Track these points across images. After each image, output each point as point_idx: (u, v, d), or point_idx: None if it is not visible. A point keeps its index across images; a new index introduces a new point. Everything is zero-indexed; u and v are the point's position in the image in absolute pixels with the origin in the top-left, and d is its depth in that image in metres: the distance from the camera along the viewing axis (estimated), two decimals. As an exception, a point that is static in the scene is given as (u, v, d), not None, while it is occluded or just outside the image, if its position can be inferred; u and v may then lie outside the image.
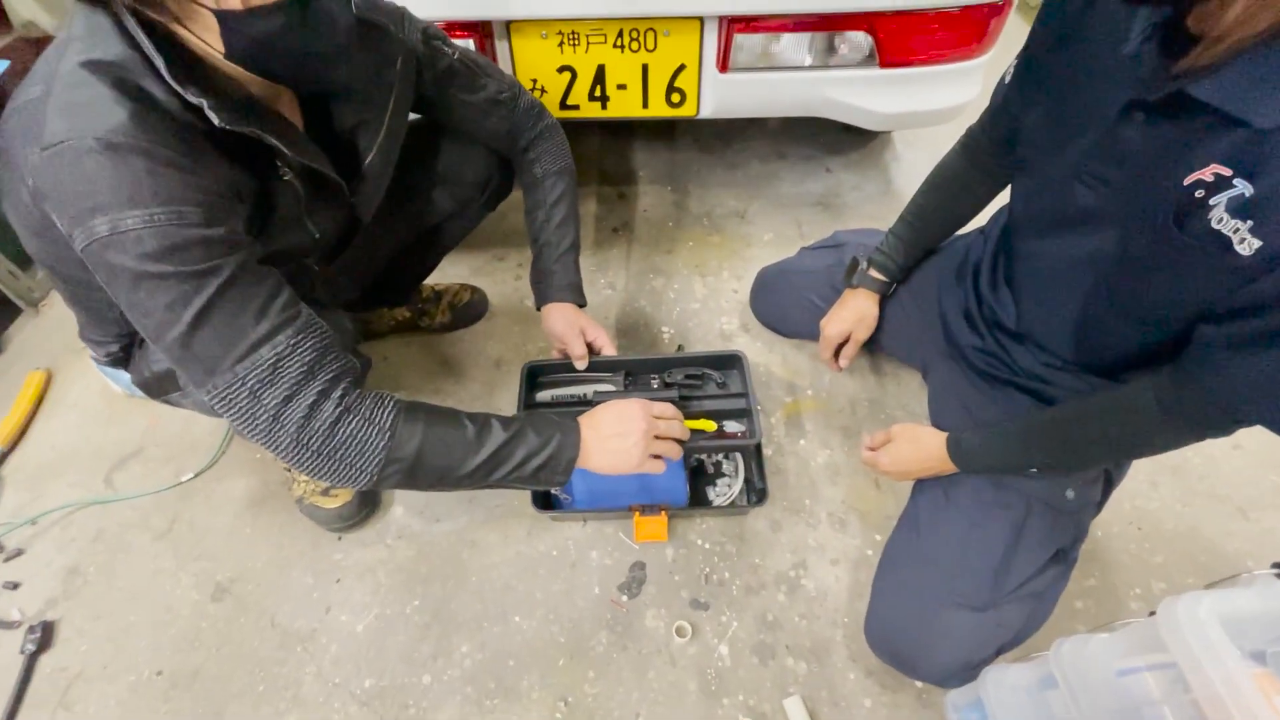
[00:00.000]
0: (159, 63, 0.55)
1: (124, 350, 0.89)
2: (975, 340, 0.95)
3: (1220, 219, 0.55)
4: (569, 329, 1.03)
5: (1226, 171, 0.54)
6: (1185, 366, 0.64)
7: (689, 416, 1.03)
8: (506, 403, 1.30)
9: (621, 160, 1.86)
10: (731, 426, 1.10)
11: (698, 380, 1.13)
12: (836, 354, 1.18)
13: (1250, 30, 0.49)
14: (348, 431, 0.64)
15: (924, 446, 0.89)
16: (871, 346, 1.21)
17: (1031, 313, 0.85)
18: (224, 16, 0.54)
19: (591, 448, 0.80)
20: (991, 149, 0.92)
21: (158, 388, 0.88)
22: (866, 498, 1.16)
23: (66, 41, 0.57)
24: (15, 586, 1.08)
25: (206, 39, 0.57)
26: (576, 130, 1.15)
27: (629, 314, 1.46)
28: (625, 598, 1.05)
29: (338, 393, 0.64)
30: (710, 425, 1.06)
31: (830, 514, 1.14)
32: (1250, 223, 0.53)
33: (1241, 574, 0.56)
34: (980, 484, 0.87)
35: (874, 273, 1.10)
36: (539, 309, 1.08)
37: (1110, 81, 0.63)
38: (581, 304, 1.07)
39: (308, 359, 0.63)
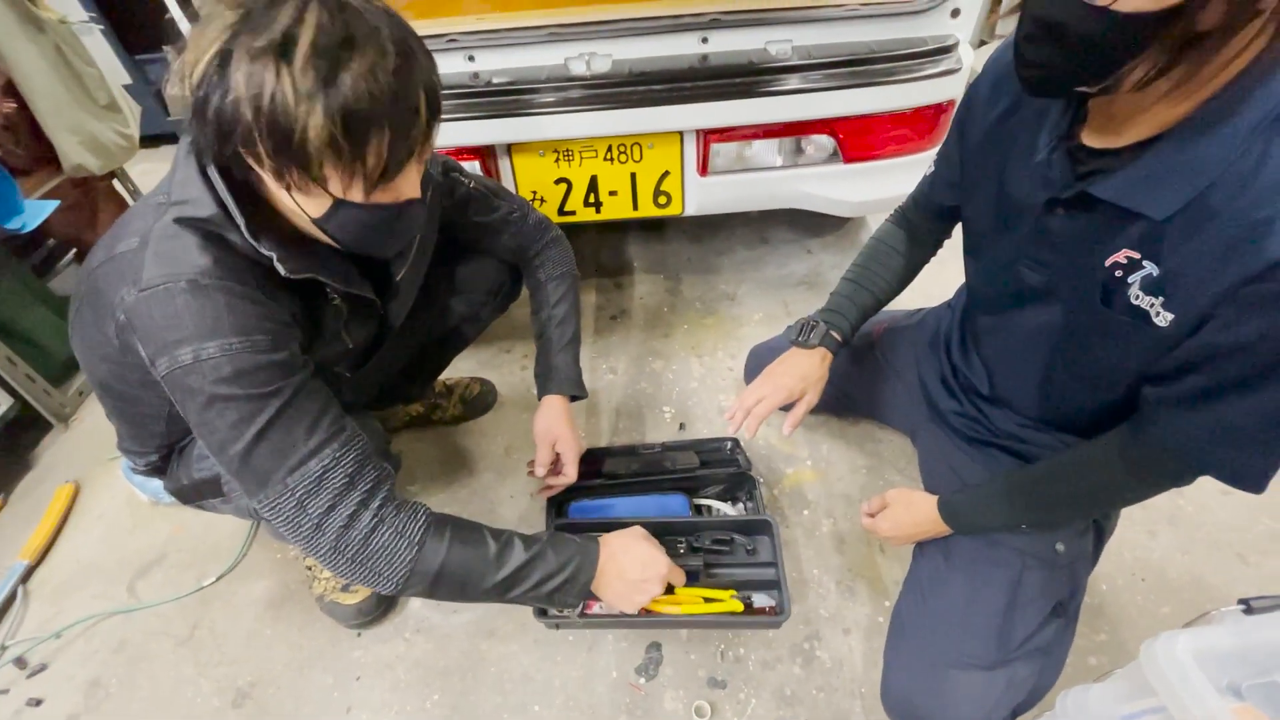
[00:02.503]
0: (240, 221, 0.66)
1: (162, 460, 0.96)
2: (954, 405, 1.01)
3: (1137, 295, 0.63)
4: (545, 434, 1.09)
5: (1136, 255, 0.63)
6: (1137, 424, 0.70)
7: (714, 586, 1.02)
8: (517, 489, 1.35)
9: (617, 253, 2.00)
10: (760, 600, 1.04)
11: (726, 545, 1.08)
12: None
13: (1115, 138, 0.59)
14: (380, 542, 0.70)
15: (918, 510, 0.94)
16: (860, 414, 1.28)
17: (1000, 379, 0.93)
18: (341, 202, 0.64)
19: (609, 579, 0.85)
20: (923, 223, 1.05)
21: (194, 494, 0.94)
22: (872, 564, 1.18)
23: (166, 204, 0.67)
24: (38, 703, 1.08)
25: (304, 203, 0.64)
26: (573, 230, 1.27)
27: (631, 396, 1.53)
28: (643, 680, 1.06)
29: (375, 503, 0.71)
30: (738, 606, 0.99)
31: (839, 582, 1.16)
32: (1161, 299, 0.61)
33: (1211, 611, 0.60)
34: (976, 543, 0.91)
35: (834, 333, 1.07)
36: (539, 400, 1.15)
37: (1030, 183, 0.73)
38: (580, 395, 1.14)
39: (350, 470, 0.69)
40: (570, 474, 1.11)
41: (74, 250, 1.87)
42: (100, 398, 0.88)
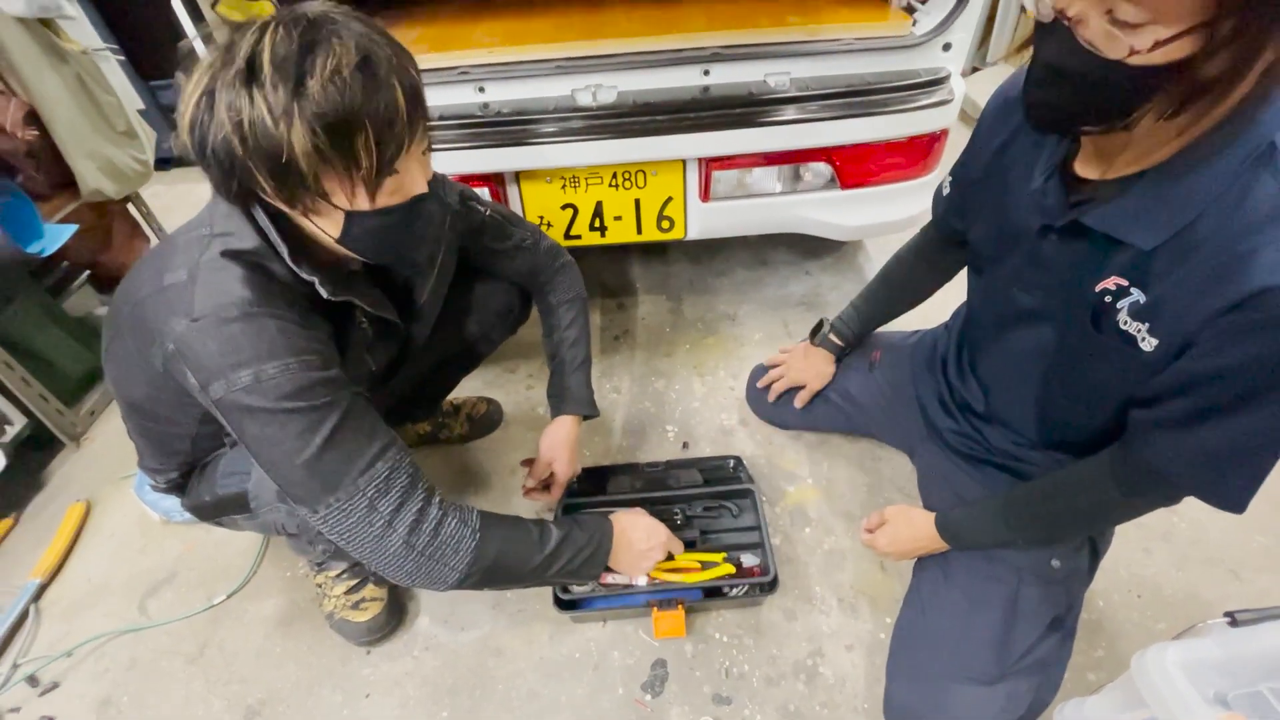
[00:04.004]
0: (282, 250, 0.69)
1: (182, 477, 0.98)
2: (951, 424, 1.04)
3: (1125, 321, 0.67)
4: (547, 452, 1.16)
5: (1124, 282, 0.67)
6: (1126, 444, 0.73)
7: (708, 550, 1.15)
8: (523, 508, 1.37)
9: (620, 274, 2.04)
10: (748, 560, 1.16)
11: (714, 510, 1.24)
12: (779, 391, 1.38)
13: (1105, 171, 0.63)
14: (448, 532, 0.75)
15: (916, 527, 0.96)
16: (860, 433, 1.31)
17: (996, 398, 0.96)
18: (352, 214, 0.67)
19: (620, 549, 0.95)
20: (940, 248, 1.08)
21: (215, 510, 0.97)
22: (874, 581, 1.20)
23: (209, 237, 0.70)
24: (50, 722, 1.09)
25: (322, 225, 0.69)
26: (579, 253, 1.31)
27: (635, 415, 1.56)
28: (649, 697, 1.07)
29: (436, 499, 0.76)
30: (730, 569, 1.11)
31: (841, 600, 1.18)
32: (1147, 324, 0.65)
33: (1198, 624, 0.63)
34: (974, 559, 0.93)
35: (833, 336, 1.29)
36: (552, 419, 1.19)
37: (1027, 210, 0.77)
38: (591, 415, 1.19)
39: (410, 470, 0.74)
40: (554, 495, 1.17)
41: (87, 272, 1.91)
42: (127, 417, 0.91)
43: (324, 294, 0.72)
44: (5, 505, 1.44)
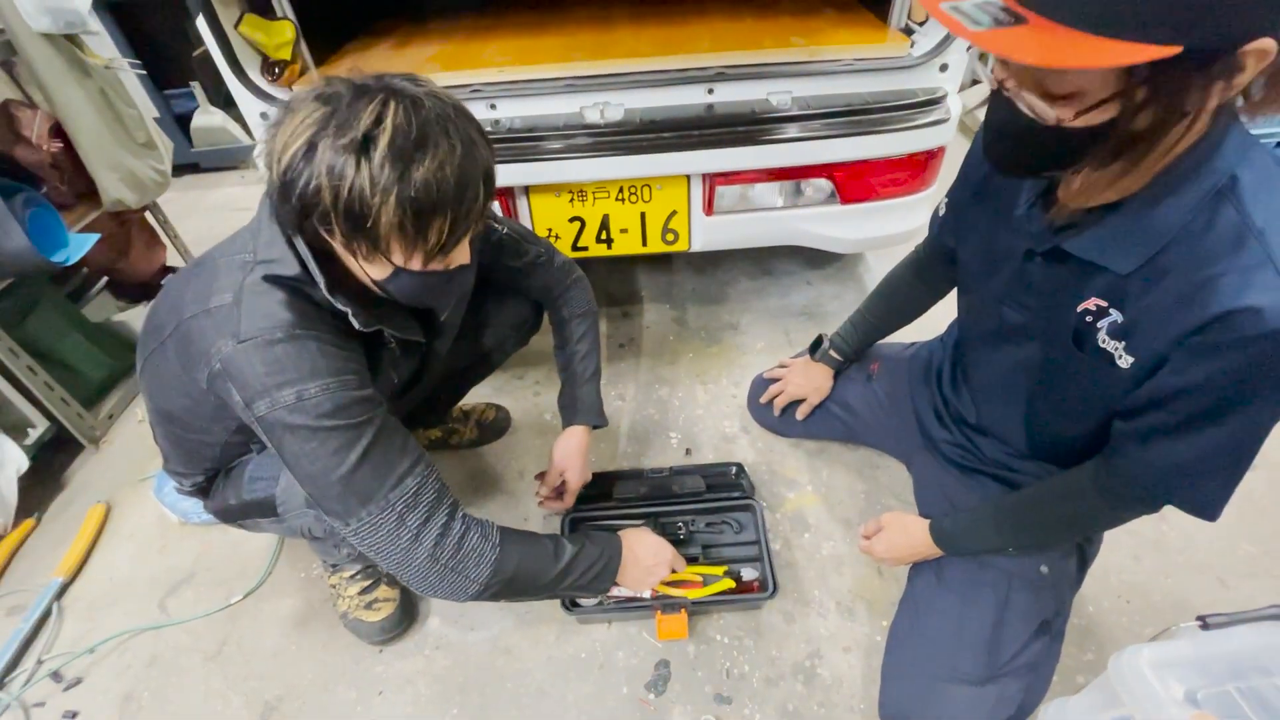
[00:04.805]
0: (320, 281, 0.74)
1: (208, 482, 1.03)
2: (945, 435, 1.08)
3: (1104, 340, 0.71)
4: (559, 462, 1.21)
5: (1104, 303, 0.71)
6: (1109, 455, 0.77)
7: (710, 564, 1.19)
8: (531, 511, 1.41)
9: (625, 283, 2.08)
10: (748, 574, 1.19)
11: (716, 525, 1.28)
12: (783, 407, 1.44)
13: (1085, 202, 0.67)
14: (470, 544, 0.80)
15: (911, 534, 1.00)
16: (859, 442, 1.35)
17: (987, 410, 1.00)
18: (400, 270, 0.73)
19: (628, 565, 1.00)
20: (934, 266, 1.11)
21: (240, 513, 1.01)
22: (871, 585, 1.24)
23: (253, 263, 0.75)
24: (74, 716, 1.13)
25: (369, 269, 0.73)
26: (585, 264, 1.35)
27: (639, 422, 1.60)
28: (652, 696, 1.11)
29: (460, 513, 0.81)
30: (730, 584, 1.14)
31: (839, 603, 1.22)
32: (1124, 343, 0.69)
33: (1171, 627, 0.66)
34: (967, 565, 0.97)
35: (832, 352, 1.34)
36: (563, 429, 1.23)
37: (1013, 233, 0.81)
38: (600, 424, 1.23)
39: (436, 485, 0.80)
40: (567, 503, 1.22)
41: (106, 278, 1.96)
42: (157, 424, 0.95)
43: (356, 325, 0.77)
44: (28, 506, 1.48)
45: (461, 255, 0.76)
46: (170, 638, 1.24)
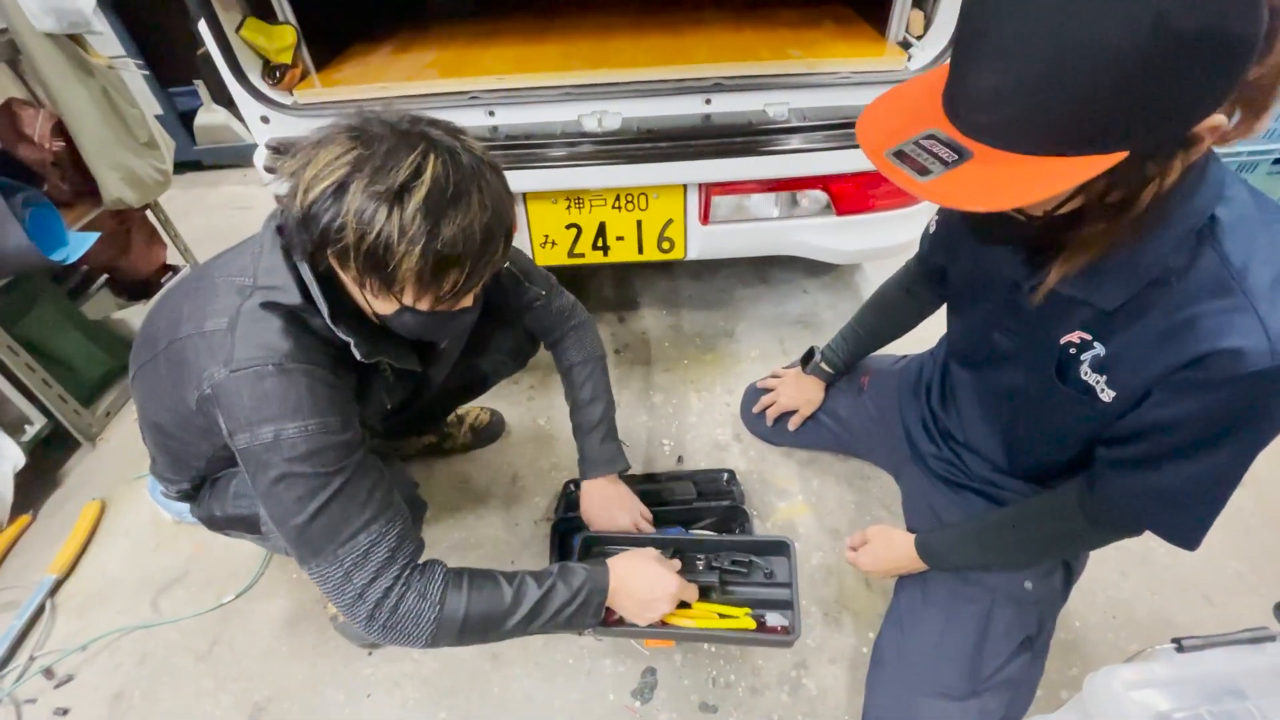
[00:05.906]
0: (324, 309, 0.74)
1: (194, 489, 1.03)
2: (933, 449, 1.09)
3: (1086, 372, 0.72)
4: (602, 515, 1.14)
5: (1087, 336, 0.72)
6: (1091, 479, 0.78)
7: (730, 603, 1.03)
8: (523, 516, 1.42)
9: (622, 289, 2.09)
10: (774, 619, 1.01)
11: (744, 567, 1.08)
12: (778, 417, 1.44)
13: (1076, 265, 0.67)
14: (406, 607, 0.76)
15: (896, 547, 1.01)
16: (849, 453, 1.35)
17: (973, 429, 1.00)
18: (406, 308, 0.73)
19: (620, 599, 0.92)
20: (924, 282, 1.12)
21: (224, 525, 1.02)
22: (858, 597, 1.25)
23: (251, 288, 0.75)
24: (65, 713, 1.14)
25: (375, 303, 0.74)
26: (583, 270, 1.36)
27: (632, 428, 1.61)
28: (639, 703, 1.11)
29: (406, 573, 0.77)
30: (750, 624, 0.99)
31: (826, 614, 1.22)
32: (1105, 377, 0.70)
33: (1146, 649, 0.67)
34: (951, 580, 0.98)
35: (824, 365, 1.35)
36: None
37: (1001, 263, 0.81)
38: (619, 470, 1.18)
39: (392, 544, 0.77)
40: (645, 528, 1.16)
41: (106, 276, 1.97)
42: (146, 430, 0.96)
43: (358, 355, 0.77)
44: (24, 502, 1.49)
45: (467, 300, 0.78)
46: (162, 636, 1.25)
